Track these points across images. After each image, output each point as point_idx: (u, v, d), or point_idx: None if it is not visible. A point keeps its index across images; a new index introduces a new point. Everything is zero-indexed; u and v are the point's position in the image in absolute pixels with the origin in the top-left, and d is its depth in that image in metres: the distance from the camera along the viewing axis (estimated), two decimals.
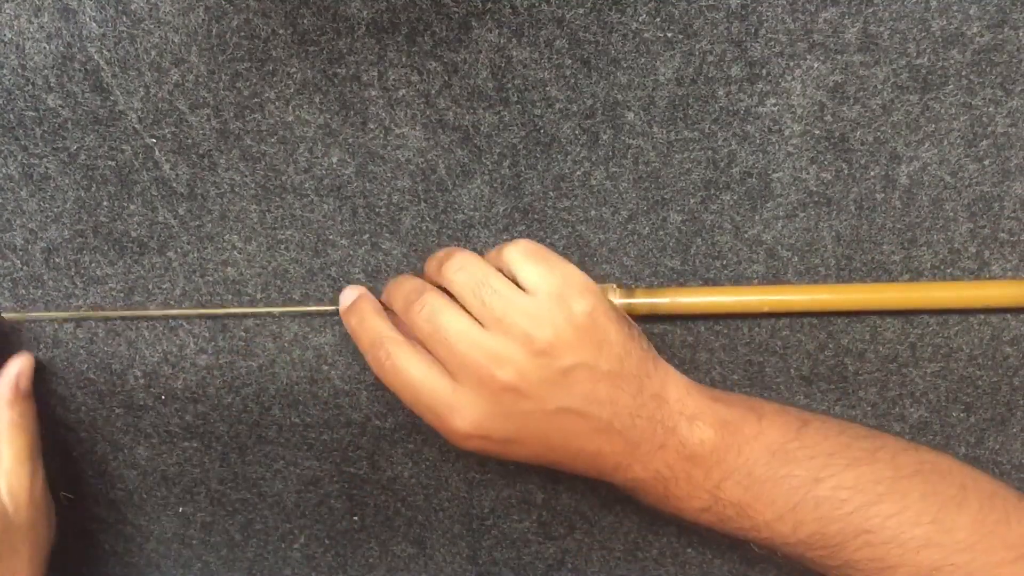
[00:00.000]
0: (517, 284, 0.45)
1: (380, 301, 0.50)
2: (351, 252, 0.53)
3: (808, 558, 0.43)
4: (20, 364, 0.51)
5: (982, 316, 0.52)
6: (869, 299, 0.50)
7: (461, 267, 0.45)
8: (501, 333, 0.43)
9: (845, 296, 0.51)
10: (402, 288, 0.48)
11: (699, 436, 0.44)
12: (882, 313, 0.52)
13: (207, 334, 0.55)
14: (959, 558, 0.40)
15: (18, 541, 0.49)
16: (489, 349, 0.43)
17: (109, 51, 0.51)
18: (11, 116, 0.52)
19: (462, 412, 0.43)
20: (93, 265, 0.55)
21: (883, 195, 0.50)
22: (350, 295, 0.50)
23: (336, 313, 0.52)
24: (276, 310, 0.54)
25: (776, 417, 0.45)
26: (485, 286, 0.44)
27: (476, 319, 0.44)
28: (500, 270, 0.46)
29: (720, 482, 0.44)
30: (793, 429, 0.45)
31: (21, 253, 0.55)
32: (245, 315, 0.54)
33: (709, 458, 0.44)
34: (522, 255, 0.45)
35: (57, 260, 0.55)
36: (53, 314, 0.53)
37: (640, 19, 0.48)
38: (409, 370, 0.45)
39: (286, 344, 0.55)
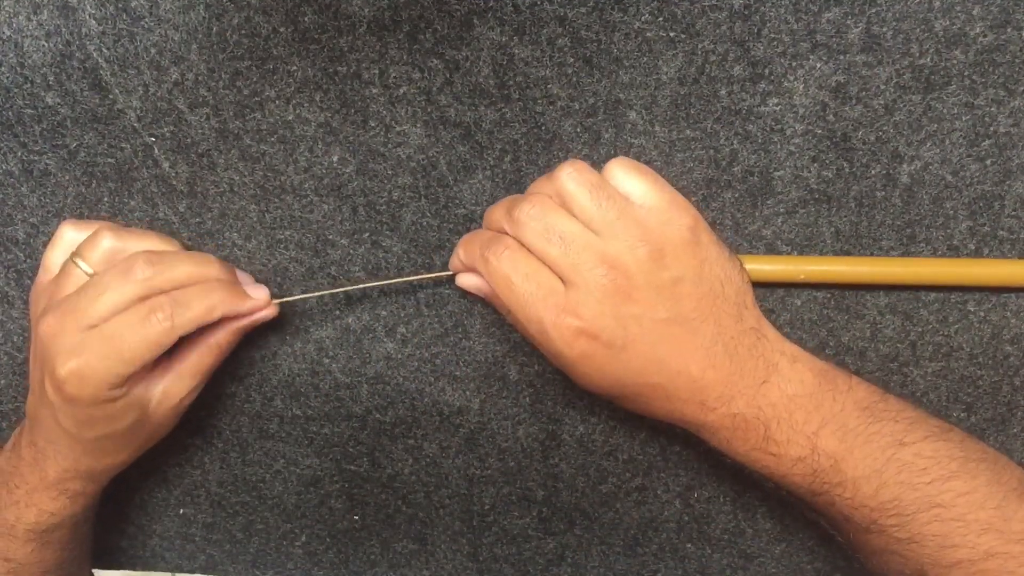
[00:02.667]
0: None
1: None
2: (351, 251, 0.53)
3: (879, 526, 0.44)
4: (265, 313, 0.51)
5: (982, 314, 0.52)
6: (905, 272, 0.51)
7: (574, 172, 0.45)
8: (612, 237, 0.44)
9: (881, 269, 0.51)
10: (504, 202, 0.48)
11: (800, 377, 0.45)
12: (916, 288, 0.52)
13: None
14: (1015, 548, 0.41)
15: (137, 438, 0.50)
16: (602, 250, 0.44)
17: (108, 49, 0.50)
18: (10, 114, 0.52)
19: (575, 309, 0.44)
20: None
21: (883, 193, 0.50)
22: None
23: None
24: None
25: (860, 380, 0.46)
26: (600, 190, 0.44)
27: (586, 225, 0.45)
28: None
29: (819, 429, 0.44)
30: (878, 392, 0.46)
31: (24, 247, 0.55)
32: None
33: (809, 402, 0.45)
34: (627, 170, 0.45)
35: None
36: (312, 294, 0.54)
37: (642, 18, 0.48)
38: (527, 265, 0.45)
39: (287, 336, 0.55)
